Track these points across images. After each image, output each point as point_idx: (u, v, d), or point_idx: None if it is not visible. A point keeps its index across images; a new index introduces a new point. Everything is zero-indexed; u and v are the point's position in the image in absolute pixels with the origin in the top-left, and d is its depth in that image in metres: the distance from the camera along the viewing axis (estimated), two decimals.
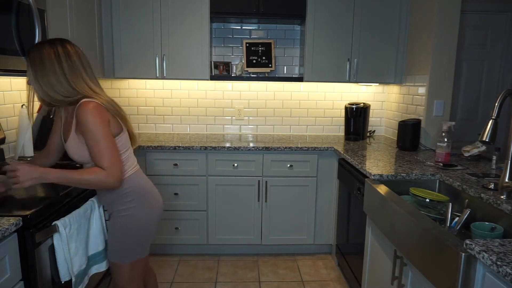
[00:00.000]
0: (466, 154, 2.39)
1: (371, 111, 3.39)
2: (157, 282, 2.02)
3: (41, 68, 1.41)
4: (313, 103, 3.45)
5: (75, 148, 1.50)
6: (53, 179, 1.40)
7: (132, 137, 1.67)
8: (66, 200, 1.63)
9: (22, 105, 2.22)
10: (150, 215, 1.66)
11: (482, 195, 1.66)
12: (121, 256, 1.65)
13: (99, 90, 1.53)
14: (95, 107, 1.42)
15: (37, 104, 2.02)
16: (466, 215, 1.66)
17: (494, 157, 2.16)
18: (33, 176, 1.36)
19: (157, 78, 2.98)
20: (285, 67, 3.39)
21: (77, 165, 2.07)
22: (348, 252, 2.57)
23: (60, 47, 1.44)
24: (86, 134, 1.42)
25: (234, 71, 3.30)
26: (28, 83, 1.47)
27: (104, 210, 1.82)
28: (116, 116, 1.53)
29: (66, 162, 2.01)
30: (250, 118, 3.44)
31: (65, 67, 1.43)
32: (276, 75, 3.36)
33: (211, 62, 3.09)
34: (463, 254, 1.17)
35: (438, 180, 2.06)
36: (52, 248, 1.48)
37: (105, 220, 1.81)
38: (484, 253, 1.09)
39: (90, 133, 1.41)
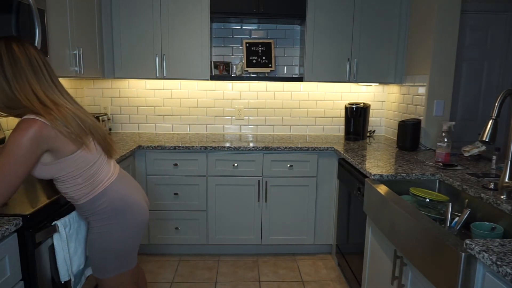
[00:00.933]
0: (466, 154, 2.39)
1: (371, 111, 3.39)
2: (145, 279, 1.94)
3: None
4: (313, 103, 3.45)
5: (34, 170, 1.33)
6: None
7: (105, 148, 1.49)
8: (66, 200, 1.63)
9: None
10: (129, 230, 1.53)
11: (482, 195, 1.66)
12: (103, 272, 1.55)
13: (57, 99, 1.32)
14: (29, 126, 1.21)
15: None
16: (466, 215, 1.66)
17: (494, 157, 2.16)
18: None
19: (157, 78, 2.98)
20: (285, 67, 3.39)
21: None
22: (348, 252, 2.57)
23: (3, 46, 1.25)
24: (3, 148, 1.23)
25: (234, 71, 3.30)
26: None
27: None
28: (73, 133, 1.31)
29: None
30: (250, 118, 3.44)
31: (6, 70, 1.23)
32: (276, 75, 3.36)
33: (211, 62, 3.09)
34: (463, 254, 1.17)
35: (438, 180, 2.06)
36: (52, 248, 1.48)
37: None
38: (484, 253, 1.09)
39: (5, 148, 1.22)
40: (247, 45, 3.23)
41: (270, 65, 3.23)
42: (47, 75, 1.32)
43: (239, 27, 3.31)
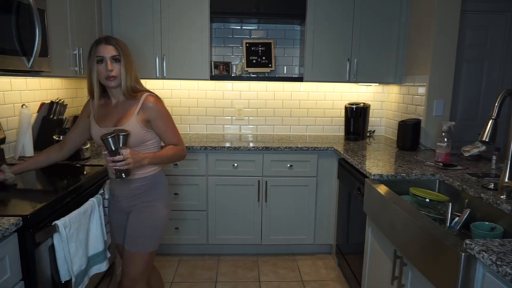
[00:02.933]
0: (466, 154, 2.39)
1: (371, 111, 3.39)
2: (162, 280, 2.06)
3: (130, 59, 1.69)
4: (313, 103, 3.45)
5: (134, 130, 1.63)
6: (151, 161, 1.64)
7: None
8: (66, 200, 1.63)
9: (22, 105, 2.22)
10: (169, 208, 1.81)
11: (482, 195, 1.66)
12: (142, 245, 1.71)
13: None
14: (160, 99, 1.70)
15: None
16: (466, 215, 1.66)
17: (494, 157, 2.16)
18: (137, 159, 1.58)
19: (157, 78, 2.98)
20: (285, 67, 3.39)
21: (77, 164, 2.08)
22: (348, 252, 2.57)
23: (124, 45, 1.71)
24: (160, 120, 1.67)
25: (234, 71, 3.30)
26: (115, 74, 1.64)
27: (104, 213, 1.82)
28: None
29: (66, 162, 2.02)
30: (250, 118, 3.44)
31: (132, 64, 1.71)
32: (276, 75, 3.36)
33: (211, 62, 3.09)
34: (463, 254, 1.17)
35: (438, 180, 2.06)
36: (52, 248, 1.48)
37: (105, 222, 1.82)
38: (484, 253, 1.09)
39: (165, 119, 1.69)
40: (247, 45, 3.23)
41: (270, 65, 3.23)
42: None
43: (239, 27, 3.31)
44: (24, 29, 1.65)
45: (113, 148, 1.53)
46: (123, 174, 1.57)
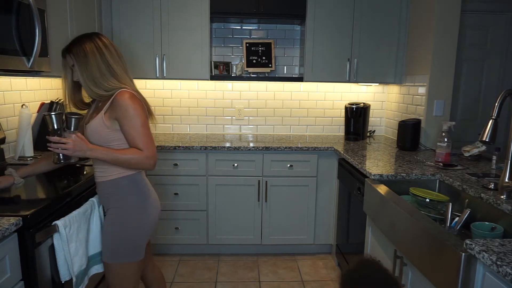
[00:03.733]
0: (466, 154, 2.39)
1: (371, 111, 3.39)
2: (163, 281, 1.98)
3: (85, 62, 1.50)
4: (313, 103, 3.45)
5: (97, 129, 1.54)
6: (99, 155, 1.48)
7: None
8: (66, 200, 1.64)
9: (22, 105, 2.22)
10: (145, 215, 1.62)
11: (482, 195, 1.66)
12: (112, 256, 1.60)
13: (131, 80, 1.64)
14: (134, 96, 1.53)
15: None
16: (466, 215, 1.66)
17: (494, 157, 2.16)
18: (82, 148, 1.45)
19: (157, 78, 2.98)
20: (285, 67, 3.39)
21: (77, 164, 2.08)
22: (348, 252, 2.57)
23: (98, 40, 1.54)
24: (125, 120, 1.50)
25: (234, 71, 3.30)
26: (74, 79, 1.56)
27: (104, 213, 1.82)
28: (148, 106, 1.62)
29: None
30: (250, 118, 3.44)
31: (108, 58, 1.53)
32: (276, 75, 3.36)
33: (211, 62, 3.09)
34: (463, 254, 1.17)
35: (438, 180, 2.06)
36: (52, 248, 1.48)
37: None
38: (484, 253, 1.09)
39: (130, 118, 1.50)
40: (247, 45, 3.23)
41: (270, 65, 3.23)
42: (123, 61, 1.62)
43: (239, 27, 3.31)
44: (24, 29, 1.65)
45: (55, 127, 1.44)
46: (61, 158, 1.47)
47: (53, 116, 1.42)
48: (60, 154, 1.47)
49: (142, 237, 1.63)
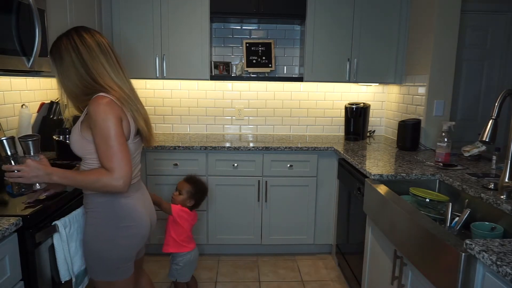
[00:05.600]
0: (466, 154, 2.39)
1: (371, 111, 3.39)
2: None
3: (61, 63, 1.36)
4: (313, 103, 3.45)
5: (75, 139, 1.40)
6: (58, 179, 1.33)
7: (145, 139, 1.50)
8: (66, 200, 1.63)
9: (22, 105, 2.22)
10: (126, 238, 1.45)
11: (482, 195, 1.66)
12: (91, 272, 1.52)
13: (121, 81, 1.42)
14: (109, 103, 1.31)
15: None
16: (466, 215, 1.66)
17: (494, 157, 2.16)
18: (38, 174, 1.29)
19: (157, 78, 2.98)
20: (285, 67, 3.39)
21: (77, 164, 2.08)
22: (348, 252, 2.57)
23: (75, 36, 1.36)
24: (94, 130, 1.31)
25: (234, 71, 3.30)
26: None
27: None
28: (132, 114, 1.40)
29: (66, 162, 2.02)
30: (250, 118, 3.44)
31: (84, 55, 1.34)
32: (276, 75, 3.36)
33: (211, 62, 3.09)
34: (463, 254, 1.17)
35: (438, 180, 2.06)
36: (52, 248, 1.48)
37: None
38: (484, 253, 1.09)
39: (99, 129, 1.29)
40: (247, 45, 3.23)
41: (270, 65, 3.23)
42: (114, 58, 1.41)
43: (239, 27, 3.31)
44: (24, 29, 1.65)
45: (8, 153, 1.31)
46: (21, 187, 1.37)
47: (4, 141, 1.29)
48: (19, 184, 1.33)
49: (119, 258, 1.47)
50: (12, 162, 1.33)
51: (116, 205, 1.43)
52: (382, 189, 1.87)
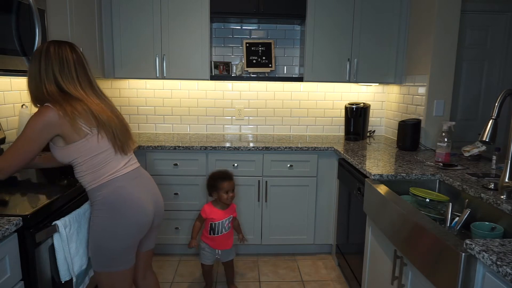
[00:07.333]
0: (466, 154, 2.39)
1: (371, 111, 3.39)
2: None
3: (29, 66, 1.52)
4: (313, 103, 3.45)
5: (53, 151, 1.53)
6: None
7: (115, 144, 1.55)
8: (66, 200, 1.63)
9: (22, 105, 2.22)
10: (121, 226, 1.53)
11: (482, 195, 1.66)
12: (95, 263, 1.58)
13: (75, 92, 1.50)
14: (44, 112, 1.42)
15: None
16: (466, 215, 1.66)
17: (494, 157, 2.16)
18: None
19: (157, 78, 2.98)
20: (285, 67, 3.39)
21: None
22: (348, 252, 2.57)
23: (45, 46, 1.49)
24: (20, 132, 1.47)
25: (234, 71, 3.30)
26: None
27: None
28: (77, 123, 1.46)
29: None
30: (250, 118, 3.44)
31: (41, 65, 1.47)
32: (276, 75, 3.36)
33: (211, 62, 3.09)
34: (463, 254, 1.17)
35: (438, 180, 2.06)
36: (52, 248, 1.48)
37: None
38: (484, 253, 1.09)
39: (23, 131, 1.45)
40: (247, 45, 3.23)
41: (270, 65, 3.23)
42: (74, 71, 1.51)
43: (239, 27, 3.31)
44: (24, 29, 1.65)
45: None
46: None
47: None
48: None
49: (117, 248, 1.55)
50: None
51: (112, 196, 1.52)
52: (382, 189, 1.87)
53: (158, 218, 1.73)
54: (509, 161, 1.59)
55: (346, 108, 3.29)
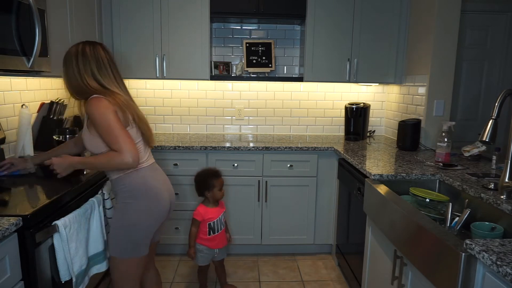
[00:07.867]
0: (466, 154, 2.39)
1: (371, 111, 3.39)
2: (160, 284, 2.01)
3: (63, 64, 1.62)
4: (313, 103, 3.45)
5: (87, 139, 1.62)
6: (80, 166, 1.65)
7: (147, 139, 1.71)
8: (66, 200, 1.63)
9: (22, 105, 2.22)
10: (145, 215, 1.65)
11: (482, 195, 1.66)
12: (116, 250, 1.67)
13: (114, 87, 1.63)
14: (99, 100, 1.53)
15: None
16: (466, 215, 1.66)
17: (494, 157, 2.16)
18: (63, 166, 1.60)
19: (157, 78, 2.98)
20: (285, 67, 3.39)
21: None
22: (348, 252, 2.57)
23: (80, 47, 1.60)
24: (96, 126, 1.54)
25: (234, 71, 3.30)
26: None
27: (104, 214, 1.82)
28: (121, 114, 1.58)
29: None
30: (250, 118, 3.44)
31: (79, 64, 1.57)
32: (276, 75, 3.36)
33: (211, 62, 3.09)
34: (463, 254, 1.17)
35: (438, 180, 2.06)
36: (52, 248, 1.48)
37: (108, 218, 1.82)
38: (484, 253, 1.09)
39: (99, 124, 1.52)
40: (247, 45, 3.23)
41: (270, 65, 3.23)
42: (109, 69, 1.63)
43: (239, 27, 3.31)
44: (24, 29, 1.65)
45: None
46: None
47: None
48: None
49: (140, 235, 1.66)
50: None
51: (139, 185, 1.64)
52: (382, 189, 1.87)
53: (171, 210, 1.82)
54: (509, 161, 1.59)
55: (346, 108, 3.29)
